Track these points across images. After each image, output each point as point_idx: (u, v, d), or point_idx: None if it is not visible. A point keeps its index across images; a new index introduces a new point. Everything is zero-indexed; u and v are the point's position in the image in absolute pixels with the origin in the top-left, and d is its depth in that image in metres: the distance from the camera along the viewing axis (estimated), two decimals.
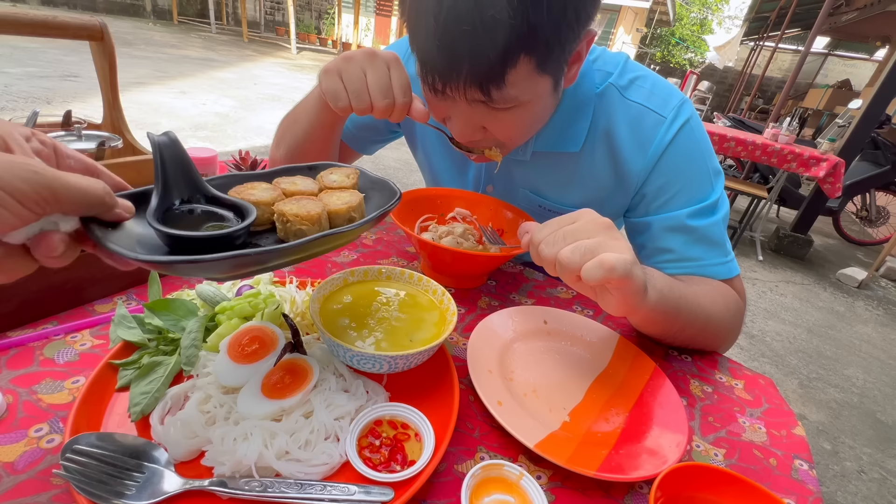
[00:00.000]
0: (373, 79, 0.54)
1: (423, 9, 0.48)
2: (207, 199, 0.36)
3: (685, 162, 0.65)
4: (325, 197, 0.40)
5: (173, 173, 0.34)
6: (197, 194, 0.36)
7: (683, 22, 18.08)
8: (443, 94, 0.53)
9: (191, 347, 0.41)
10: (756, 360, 2.32)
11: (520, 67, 0.49)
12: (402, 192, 0.43)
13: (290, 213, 0.35)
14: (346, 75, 0.55)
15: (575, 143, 0.68)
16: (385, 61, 0.55)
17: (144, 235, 0.32)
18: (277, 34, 13.15)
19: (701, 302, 0.58)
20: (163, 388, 0.40)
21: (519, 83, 0.51)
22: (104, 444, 0.33)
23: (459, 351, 0.55)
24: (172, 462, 0.34)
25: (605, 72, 0.68)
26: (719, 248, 0.65)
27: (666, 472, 0.35)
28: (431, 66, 0.51)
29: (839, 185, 3.10)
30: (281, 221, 0.36)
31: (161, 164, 0.34)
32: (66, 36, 0.57)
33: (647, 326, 0.59)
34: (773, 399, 0.58)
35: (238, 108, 4.74)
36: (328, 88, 0.56)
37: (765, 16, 10.36)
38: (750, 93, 9.56)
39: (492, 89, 0.50)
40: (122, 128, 0.65)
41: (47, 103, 3.62)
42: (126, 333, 0.43)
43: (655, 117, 0.65)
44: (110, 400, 0.39)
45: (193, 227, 0.33)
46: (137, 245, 0.30)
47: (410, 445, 0.39)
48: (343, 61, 0.56)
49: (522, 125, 0.58)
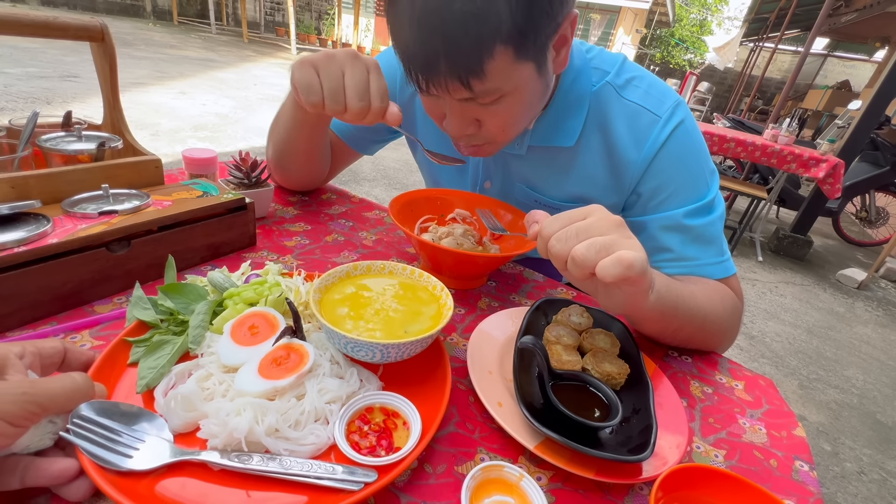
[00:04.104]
0: (351, 80, 0.53)
1: (399, 9, 0.49)
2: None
3: (680, 161, 0.66)
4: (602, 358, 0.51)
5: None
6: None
7: (683, 23, 18.10)
8: (427, 91, 0.53)
9: (198, 328, 0.44)
10: (756, 360, 2.32)
11: (497, 58, 0.49)
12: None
13: (615, 371, 0.49)
14: (323, 71, 0.53)
15: (570, 137, 0.69)
16: (365, 64, 0.54)
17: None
18: (277, 35, 13.16)
19: (698, 301, 0.58)
20: (168, 365, 0.42)
21: (499, 74, 0.51)
22: (109, 411, 0.35)
23: (459, 352, 0.55)
24: (171, 433, 0.36)
25: (603, 70, 0.69)
26: (715, 248, 0.66)
27: (666, 473, 0.35)
28: (411, 63, 0.51)
29: (839, 185, 3.10)
30: (604, 376, 0.49)
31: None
32: (66, 37, 0.57)
33: (646, 324, 0.59)
34: (773, 400, 0.58)
35: (238, 108, 4.74)
36: (301, 80, 0.53)
37: (764, 17, 10.37)
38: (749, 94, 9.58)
39: (472, 82, 0.50)
40: (122, 128, 0.65)
41: (47, 104, 3.62)
42: (141, 313, 0.46)
43: (651, 116, 0.66)
44: (122, 373, 0.41)
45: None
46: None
47: (398, 433, 0.40)
48: (323, 57, 0.54)
49: (513, 115, 0.58)
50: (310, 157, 0.79)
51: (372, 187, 3.52)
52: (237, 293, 0.49)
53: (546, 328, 0.56)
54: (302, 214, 0.83)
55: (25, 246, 0.45)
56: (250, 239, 0.68)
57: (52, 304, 0.49)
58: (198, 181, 0.68)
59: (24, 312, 0.47)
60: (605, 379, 0.49)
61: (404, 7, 0.48)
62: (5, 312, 0.45)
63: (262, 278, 0.52)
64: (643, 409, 0.46)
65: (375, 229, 0.83)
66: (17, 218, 0.48)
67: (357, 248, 0.75)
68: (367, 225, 0.84)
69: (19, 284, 0.45)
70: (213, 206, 0.61)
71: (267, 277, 0.52)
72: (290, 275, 0.55)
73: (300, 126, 0.71)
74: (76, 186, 0.55)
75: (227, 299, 0.49)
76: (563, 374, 0.48)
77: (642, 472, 0.41)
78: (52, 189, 0.53)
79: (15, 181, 0.50)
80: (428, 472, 0.40)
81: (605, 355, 0.51)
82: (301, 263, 0.67)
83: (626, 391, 0.50)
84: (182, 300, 0.48)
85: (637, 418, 0.46)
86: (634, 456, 0.39)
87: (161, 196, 0.60)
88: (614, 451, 0.40)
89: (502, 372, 0.51)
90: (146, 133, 3.49)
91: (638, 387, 0.49)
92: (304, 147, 0.76)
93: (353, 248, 0.75)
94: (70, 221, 0.51)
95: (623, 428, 0.45)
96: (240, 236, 0.66)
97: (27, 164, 0.59)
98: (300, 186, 0.90)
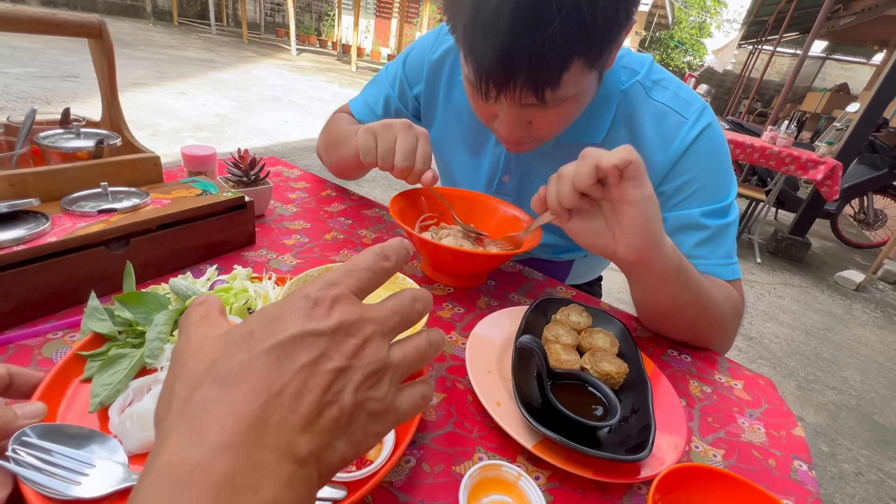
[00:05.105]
0: (401, 145, 0.62)
1: (480, 20, 0.48)
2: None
3: (706, 162, 0.67)
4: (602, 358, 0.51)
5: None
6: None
7: (682, 25, 18.14)
8: (496, 100, 0.54)
9: (155, 340, 0.41)
10: (754, 361, 2.32)
11: (573, 70, 0.50)
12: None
13: (614, 371, 0.49)
14: (380, 138, 0.63)
15: (598, 134, 0.70)
16: (416, 134, 0.63)
17: None
18: (277, 36, 13.16)
19: (704, 283, 0.60)
20: (125, 381, 0.39)
21: (571, 83, 0.52)
22: (55, 435, 0.32)
23: (458, 350, 0.55)
24: (126, 455, 0.34)
25: (632, 69, 0.70)
26: (725, 250, 0.66)
27: (664, 472, 0.35)
28: (488, 77, 0.52)
29: (837, 188, 3.11)
30: (603, 375, 0.49)
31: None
32: (64, 33, 0.57)
33: (660, 291, 0.58)
34: (772, 399, 0.58)
35: (238, 108, 4.74)
36: (363, 145, 0.64)
37: (763, 19, 10.40)
38: (748, 96, 9.60)
39: (546, 93, 0.51)
40: (120, 126, 0.65)
41: (47, 103, 3.61)
42: (96, 325, 0.43)
43: (678, 118, 0.67)
44: (74, 391, 0.38)
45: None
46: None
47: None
48: (382, 127, 0.64)
49: (569, 116, 0.60)
50: (364, 171, 0.87)
51: (372, 188, 3.52)
52: None
53: (545, 327, 0.56)
54: (301, 212, 0.83)
55: (24, 244, 0.45)
56: (249, 237, 0.68)
57: (50, 302, 0.48)
58: (197, 178, 0.68)
59: (22, 311, 0.46)
60: (604, 378, 0.49)
61: (488, 21, 0.47)
62: (4, 311, 0.45)
63: (227, 284, 0.49)
64: (642, 409, 0.46)
65: (375, 227, 0.83)
66: (16, 216, 0.48)
67: (357, 246, 0.75)
68: (367, 223, 0.84)
69: (18, 283, 0.45)
70: (213, 204, 0.61)
71: (233, 283, 0.50)
72: (259, 278, 0.54)
73: (356, 163, 0.74)
74: (75, 184, 0.55)
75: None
76: (561, 374, 0.48)
77: (640, 471, 0.41)
78: (51, 187, 0.53)
79: (13, 178, 0.50)
80: (426, 472, 0.39)
81: (604, 355, 0.51)
82: (300, 262, 0.67)
83: (624, 390, 0.50)
84: (141, 310, 0.44)
85: (636, 418, 0.46)
86: (633, 455, 0.39)
87: (160, 194, 0.60)
88: (613, 451, 0.40)
89: (501, 371, 0.51)
90: (146, 133, 3.48)
91: (637, 386, 0.49)
92: (355, 171, 0.86)
93: (353, 246, 0.74)
94: (69, 219, 0.50)
95: (622, 427, 0.45)
96: (239, 235, 0.66)
97: (25, 161, 0.59)
98: (341, 178, 0.98)
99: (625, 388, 0.50)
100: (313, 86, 6.89)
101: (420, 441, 0.42)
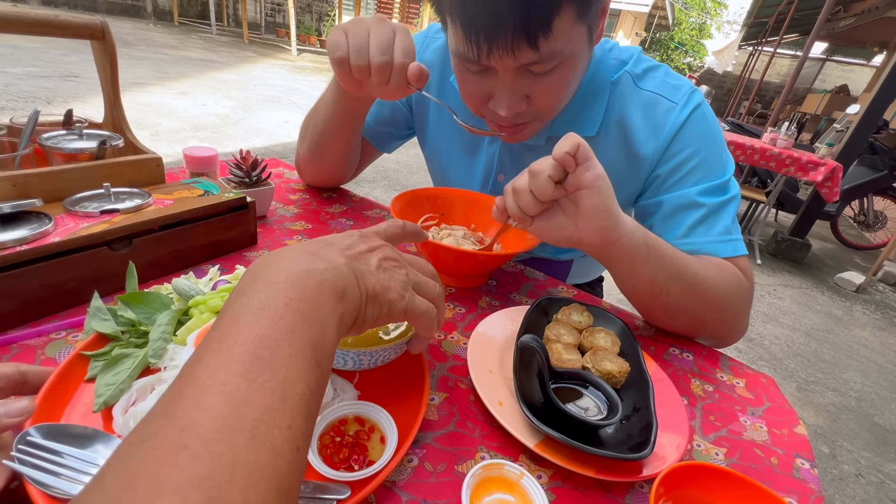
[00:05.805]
0: (375, 37, 0.55)
1: None
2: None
3: (697, 141, 0.66)
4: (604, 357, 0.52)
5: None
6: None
7: (682, 26, 18.17)
8: (488, 56, 0.53)
9: (159, 340, 0.41)
10: (754, 363, 2.32)
11: (563, 15, 0.50)
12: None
13: (615, 370, 0.49)
14: (350, 31, 0.57)
15: (590, 127, 0.70)
16: (392, 26, 0.57)
17: None
18: (278, 36, 13.16)
19: (685, 259, 0.59)
20: (129, 381, 0.39)
21: (563, 33, 0.52)
22: (59, 435, 0.32)
23: (460, 350, 0.55)
24: None
25: (621, 60, 0.70)
26: (723, 226, 0.65)
27: (666, 471, 0.35)
28: (477, 25, 0.51)
29: (837, 189, 3.11)
30: (604, 374, 0.49)
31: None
32: (67, 35, 0.57)
33: (635, 271, 0.57)
34: (774, 398, 0.58)
35: (238, 109, 4.74)
36: (330, 40, 0.58)
37: (763, 21, 10.42)
38: (748, 97, 9.61)
39: (539, 39, 0.51)
40: (123, 127, 0.65)
41: (48, 103, 3.62)
42: (100, 325, 0.43)
43: (667, 104, 0.67)
44: (78, 391, 0.38)
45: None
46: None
47: (373, 445, 0.38)
48: (352, 22, 0.58)
49: (566, 84, 0.59)
50: (346, 147, 0.81)
51: (372, 188, 3.53)
52: (203, 301, 0.46)
53: (546, 327, 0.57)
54: (302, 213, 0.83)
55: (27, 245, 0.45)
56: (251, 238, 0.68)
57: (53, 302, 0.49)
58: (199, 179, 0.68)
59: (26, 311, 0.47)
60: (606, 377, 0.49)
61: None
62: (7, 311, 0.45)
63: (230, 284, 0.49)
64: (643, 408, 0.46)
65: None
66: (19, 216, 0.48)
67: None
68: (368, 223, 0.84)
69: (21, 283, 0.45)
70: (215, 204, 0.61)
71: (236, 283, 0.50)
72: None
73: (340, 114, 0.72)
74: (77, 185, 0.55)
75: (192, 308, 0.46)
76: (563, 373, 0.48)
77: (643, 470, 0.41)
78: (54, 187, 0.53)
79: (16, 179, 0.50)
80: (428, 471, 0.40)
81: (606, 354, 0.51)
82: None
83: (626, 389, 0.50)
84: (144, 310, 0.44)
85: (637, 416, 0.46)
86: (635, 454, 0.39)
87: (162, 195, 0.60)
88: (615, 450, 0.40)
89: (503, 371, 0.51)
90: (146, 133, 3.49)
91: (638, 385, 0.49)
92: (340, 138, 0.78)
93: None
94: (72, 220, 0.51)
95: (623, 426, 0.45)
96: (241, 235, 0.66)
97: (28, 162, 0.59)
98: (328, 179, 0.92)
99: (626, 386, 0.50)
100: (314, 86, 6.89)
101: (422, 440, 0.42)
